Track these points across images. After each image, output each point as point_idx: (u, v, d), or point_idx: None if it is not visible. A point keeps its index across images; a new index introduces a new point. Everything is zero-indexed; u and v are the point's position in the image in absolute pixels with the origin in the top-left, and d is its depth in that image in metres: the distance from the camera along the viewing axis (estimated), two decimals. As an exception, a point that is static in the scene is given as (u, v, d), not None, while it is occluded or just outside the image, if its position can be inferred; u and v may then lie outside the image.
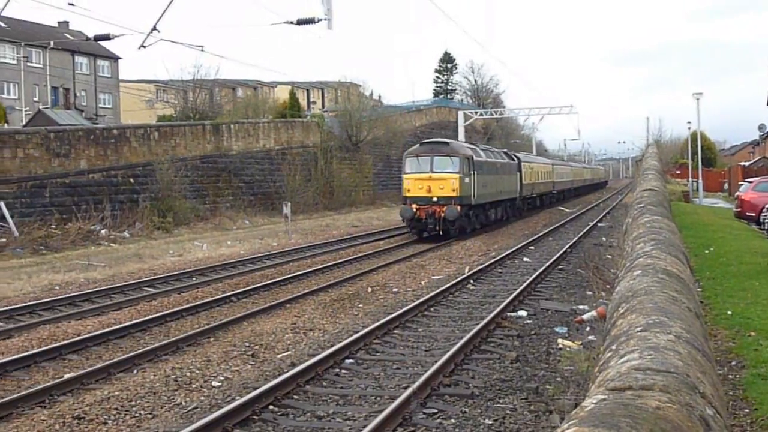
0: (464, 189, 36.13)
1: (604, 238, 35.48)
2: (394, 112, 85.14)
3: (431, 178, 35.84)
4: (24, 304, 20.15)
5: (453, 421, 10.48)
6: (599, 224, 45.17)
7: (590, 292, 20.77)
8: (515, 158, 51.67)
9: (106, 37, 26.98)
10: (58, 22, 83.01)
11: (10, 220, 35.51)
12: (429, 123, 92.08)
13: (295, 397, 11.77)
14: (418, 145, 39.17)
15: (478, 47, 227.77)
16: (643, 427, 2.97)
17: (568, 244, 32.42)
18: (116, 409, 11.41)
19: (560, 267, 26.44)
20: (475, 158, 38.06)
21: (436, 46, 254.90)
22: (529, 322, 17.40)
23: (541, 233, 38.95)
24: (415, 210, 35.60)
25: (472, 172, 37.07)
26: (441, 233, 35.72)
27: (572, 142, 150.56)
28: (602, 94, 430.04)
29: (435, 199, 35.58)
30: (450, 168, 36.06)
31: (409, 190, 36.35)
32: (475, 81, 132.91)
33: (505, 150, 55.77)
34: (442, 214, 35.12)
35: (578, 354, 13.83)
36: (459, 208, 35.51)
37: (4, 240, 33.82)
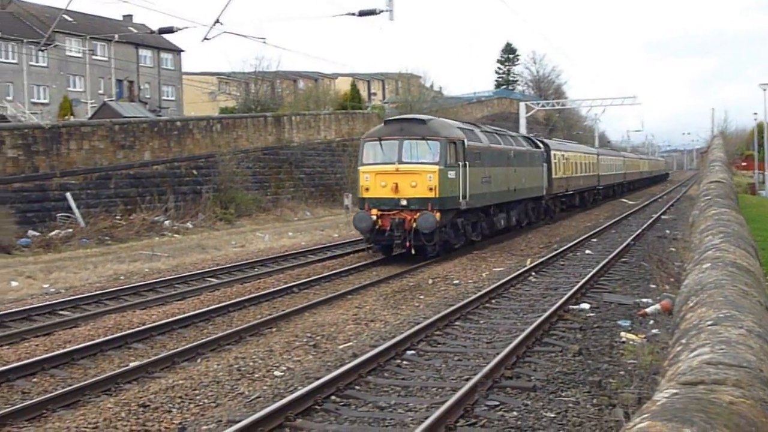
0: (448, 187, 25.92)
1: (668, 231, 35.04)
2: (455, 104, 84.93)
3: (399, 172, 25.60)
4: (90, 294, 20.49)
5: (515, 413, 10.42)
6: (662, 216, 44.56)
7: (654, 285, 20.51)
8: (541, 145, 41.49)
9: (170, 30, 27.29)
10: (123, 16, 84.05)
11: (76, 211, 36.11)
12: (490, 114, 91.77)
13: (357, 387, 11.79)
14: (382, 124, 29.24)
15: (539, 38, 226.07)
16: (716, 422, 2.92)
17: (631, 237, 32.06)
18: (180, 397, 11.53)
19: (623, 260, 26.13)
20: (467, 143, 27.71)
21: (497, 36, 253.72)
22: (591, 315, 17.22)
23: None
24: (375, 218, 25.48)
25: (461, 163, 26.82)
26: (413, 251, 25.79)
27: (636, 133, 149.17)
28: (666, 85, 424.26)
29: (404, 202, 25.47)
30: (427, 157, 25.91)
31: (367, 189, 26.09)
32: (537, 72, 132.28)
33: (528, 134, 46.67)
34: (414, 225, 25.20)
35: (642, 348, 13.65)
36: (439, 214, 25.19)
37: (70, 230, 34.40)
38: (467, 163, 27.17)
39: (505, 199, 32.90)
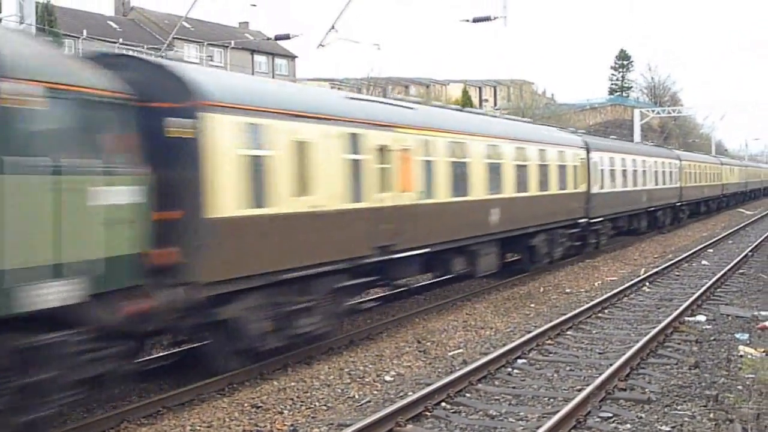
0: None
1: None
2: (567, 110, 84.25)
3: None
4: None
5: (629, 426, 10.23)
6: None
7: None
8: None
9: (286, 37, 27.72)
10: (239, 23, 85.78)
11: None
12: (603, 121, 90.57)
13: (467, 395, 11.74)
14: None
15: (654, 44, 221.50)
16: None
17: (750, 248, 31.23)
18: (292, 399, 11.68)
19: (741, 271, 25.45)
20: None
21: (611, 43, 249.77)
22: (708, 327, 16.81)
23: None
24: None
25: None
26: None
27: (755, 141, 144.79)
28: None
29: None
30: None
31: None
32: (652, 78, 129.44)
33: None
34: None
35: (761, 362, 13.30)
36: None
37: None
38: None
39: None
